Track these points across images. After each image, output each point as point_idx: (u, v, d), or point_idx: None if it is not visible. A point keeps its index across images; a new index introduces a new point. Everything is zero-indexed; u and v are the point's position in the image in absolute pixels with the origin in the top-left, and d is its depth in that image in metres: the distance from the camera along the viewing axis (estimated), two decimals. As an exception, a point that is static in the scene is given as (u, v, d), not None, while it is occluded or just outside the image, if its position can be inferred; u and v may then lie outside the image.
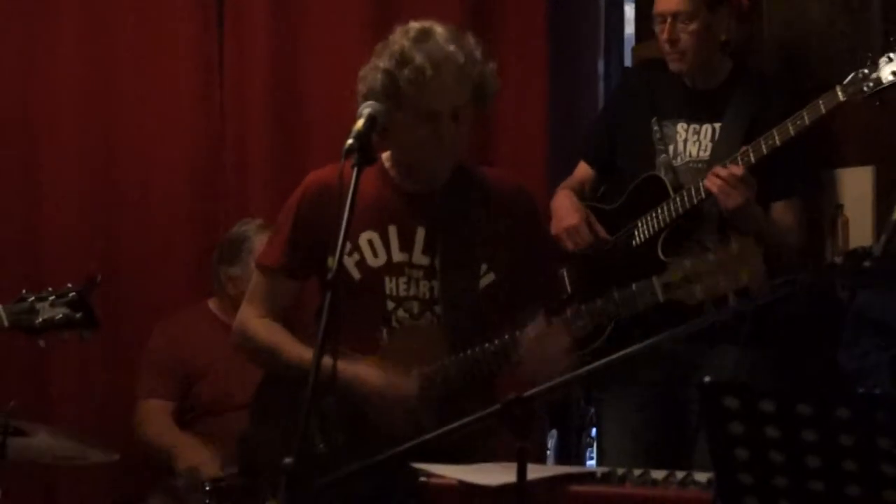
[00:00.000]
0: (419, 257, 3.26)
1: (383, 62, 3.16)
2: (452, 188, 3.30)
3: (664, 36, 4.03)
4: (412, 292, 3.25)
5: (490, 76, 3.21)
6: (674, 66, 4.08)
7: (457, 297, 3.24)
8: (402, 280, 3.25)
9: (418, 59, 3.11)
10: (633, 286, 3.15)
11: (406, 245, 3.26)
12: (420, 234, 3.26)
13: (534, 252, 3.34)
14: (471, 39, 3.21)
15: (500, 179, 3.39)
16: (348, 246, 3.21)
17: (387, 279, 3.24)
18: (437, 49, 3.13)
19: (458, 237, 3.26)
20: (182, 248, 4.99)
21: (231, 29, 5.03)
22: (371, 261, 3.25)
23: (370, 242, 3.25)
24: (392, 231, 3.26)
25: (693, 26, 4.02)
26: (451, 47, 3.14)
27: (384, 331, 3.24)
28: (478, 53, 3.19)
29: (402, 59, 3.13)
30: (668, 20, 4.03)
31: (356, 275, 3.23)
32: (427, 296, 3.26)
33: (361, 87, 3.19)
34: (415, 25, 3.19)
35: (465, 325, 3.23)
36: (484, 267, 3.27)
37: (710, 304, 3.05)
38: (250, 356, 3.45)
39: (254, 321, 3.36)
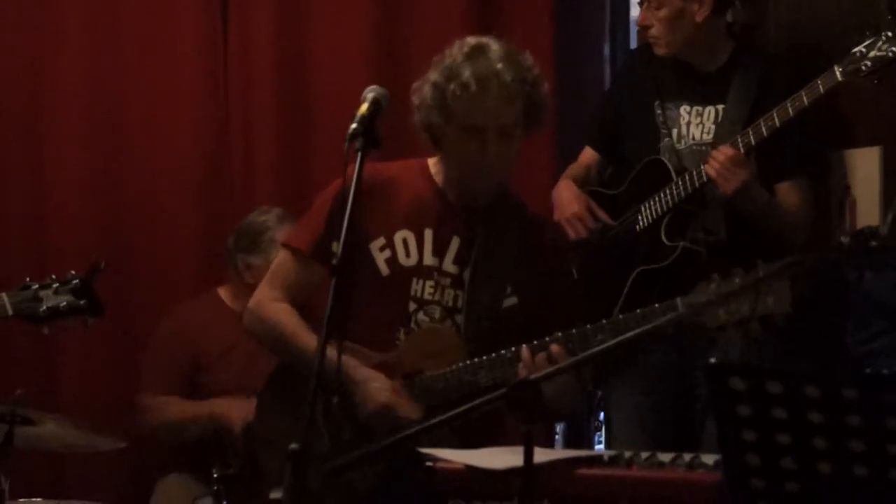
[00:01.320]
0: (449, 265, 3.28)
1: (434, 75, 3.20)
2: (494, 208, 3.32)
3: (642, 20, 4.04)
4: (437, 297, 3.27)
5: (542, 98, 3.23)
6: (656, 51, 4.10)
7: (481, 310, 3.26)
8: (430, 284, 3.27)
9: (465, 74, 3.14)
10: (657, 305, 3.14)
11: (439, 251, 3.28)
12: (455, 242, 3.29)
13: (559, 288, 3.36)
14: (527, 59, 3.22)
15: (538, 214, 3.47)
16: (381, 241, 3.23)
17: (414, 280, 3.26)
18: (486, 66, 3.15)
19: (490, 254, 3.27)
20: (188, 236, 5.00)
21: (235, 19, 5.03)
22: (403, 259, 3.27)
23: (405, 241, 3.27)
24: (428, 234, 3.28)
25: (663, 13, 4.03)
26: (500, 65, 3.15)
27: (402, 331, 3.26)
28: (531, 74, 3.20)
29: (451, 74, 3.16)
30: (643, 5, 4.04)
31: (385, 270, 3.24)
32: (451, 304, 3.27)
33: (415, 100, 3.23)
34: (470, 41, 3.22)
35: (485, 338, 3.24)
36: (509, 289, 3.28)
37: (732, 328, 3.03)
38: (260, 338, 3.44)
39: (270, 304, 3.35)
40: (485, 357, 3.19)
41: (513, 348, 3.17)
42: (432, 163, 3.33)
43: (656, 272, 3.96)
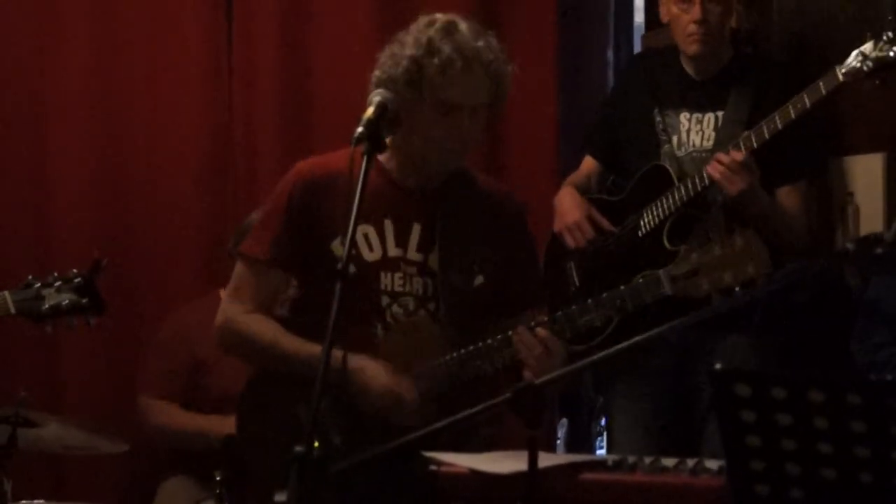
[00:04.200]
0: (413, 253, 3.24)
1: (409, 50, 3.13)
2: (449, 187, 3.28)
3: (695, 16, 4.00)
4: (407, 288, 3.23)
5: (508, 79, 3.20)
6: (693, 49, 4.05)
7: (455, 295, 3.22)
8: (398, 275, 3.23)
9: (447, 49, 3.09)
10: (640, 279, 3.14)
11: (401, 240, 3.24)
12: (416, 229, 3.24)
13: (521, 258, 3.33)
14: (493, 39, 3.19)
15: (491, 184, 3.40)
16: (342, 238, 3.19)
17: (382, 274, 3.22)
18: (466, 43, 3.11)
19: (453, 235, 3.24)
20: (191, 235, 4.99)
21: (239, 20, 5.04)
22: (367, 255, 3.22)
23: (366, 236, 3.22)
24: (388, 225, 3.24)
25: (720, 9, 4.01)
26: (480, 43, 3.13)
27: (378, 326, 3.22)
28: (503, 55, 3.18)
29: (431, 49, 3.10)
30: (698, 1, 4.01)
31: (351, 269, 3.19)
32: (421, 292, 3.24)
33: (379, 73, 3.16)
34: (440, 17, 3.17)
35: (463, 322, 3.21)
36: (476, 268, 3.26)
37: (717, 296, 3.04)
38: (239, 353, 3.39)
39: (241, 317, 3.29)
40: (471, 347, 3.17)
41: (499, 336, 3.15)
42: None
43: None
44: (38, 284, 3.66)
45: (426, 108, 3.13)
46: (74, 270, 3.70)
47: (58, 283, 3.66)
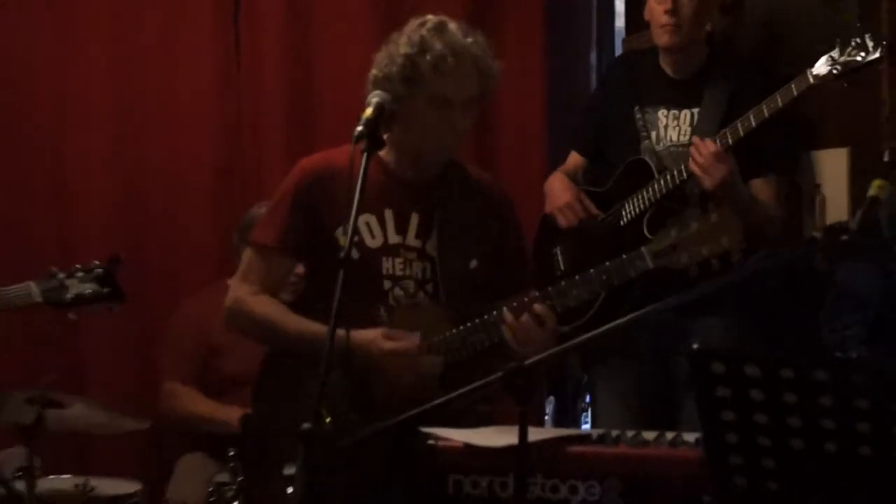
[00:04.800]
0: (412, 240, 3.25)
1: (403, 48, 3.14)
2: (444, 178, 3.30)
3: (666, 6, 4.00)
4: (407, 272, 3.24)
5: (495, 74, 3.20)
6: (665, 40, 4.04)
7: (452, 277, 3.23)
8: (399, 261, 3.24)
9: (439, 46, 3.10)
10: (625, 256, 3.15)
11: (401, 228, 3.25)
12: (414, 218, 3.26)
13: (510, 242, 3.34)
14: (481, 37, 3.20)
15: (480, 174, 3.40)
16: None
17: (384, 259, 3.23)
18: (456, 40, 3.12)
19: (449, 223, 3.25)
20: (203, 229, 5.00)
21: (246, 24, 5.05)
22: (369, 242, 3.23)
23: (367, 225, 3.23)
24: (388, 215, 3.25)
25: (695, 4, 3.99)
26: (469, 40, 3.14)
27: (381, 308, 3.22)
28: (490, 52, 3.19)
29: (424, 47, 3.11)
30: None
31: (354, 255, 3.19)
32: (420, 276, 3.25)
33: (376, 72, 3.18)
34: (431, 18, 3.19)
35: (460, 303, 3.22)
36: (470, 252, 3.27)
37: (696, 269, 3.06)
38: (247, 332, 3.39)
39: (249, 298, 3.30)
40: (469, 324, 3.17)
41: (493, 312, 3.15)
42: None
43: None
44: (63, 275, 3.66)
45: (420, 103, 3.14)
46: (96, 262, 3.70)
47: (80, 274, 3.66)
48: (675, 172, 3.94)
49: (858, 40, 3.62)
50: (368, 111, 2.86)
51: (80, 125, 4.94)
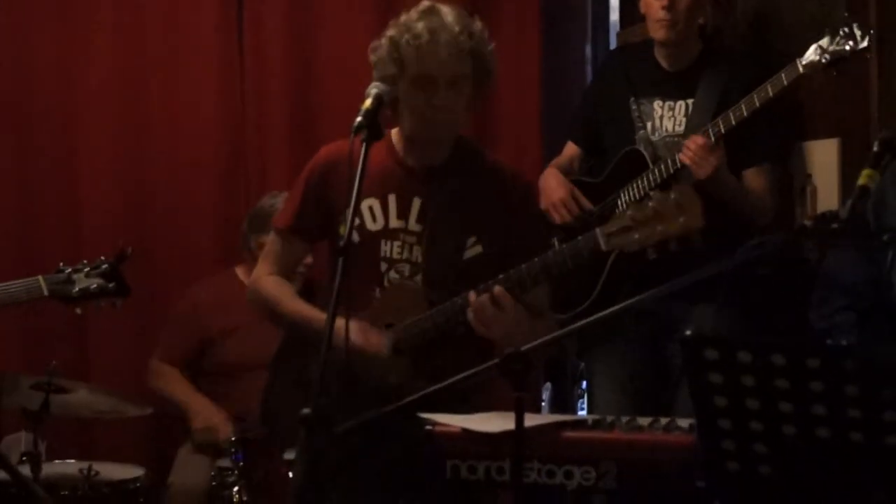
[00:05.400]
0: (414, 225, 3.24)
1: (389, 31, 3.17)
2: (453, 164, 3.27)
3: (663, 2, 4.00)
4: (405, 256, 3.23)
5: (489, 56, 3.19)
6: (661, 35, 4.04)
7: (438, 263, 3.22)
8: (397, 244, 3.23)
9: (419, 27, 3.11)
10: (579, 238, 3.08)
11: (403, 213, 3.24)
12: (416, 203, 3.24)
13: (524, 232, 3.28)
14: (476, 22, 3.19)
15: (498, 162, 3.37)
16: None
17: (382, 242, 3.23)
18: (438, 20, 3.12)
19: (448, 209, 3.23)
20: (207, 224, 5.02)
21: (249, 21, 5.04)
22: (370, 225, 3.23)
23: (370, 209, 3.24)
24: (391, 199, 3.25)
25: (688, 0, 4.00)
26: (450, 19, 3.13)
27: (377, 290, 3.23)
28: (478, 32, 3.17)
29: (405, 28, 3.13)
30: None
31: (356, 238, 3.19)
32: (418, 260, 3.24)
33: (373, 57, 3.20)
34: (425, 3, 3.19)
35: (445, 288, 3.18)
36: (472, 240, 3.23)
37: (653, 252, 2.93)
38: (260, 310, 3.42)
39: (264, 278, 3.37)
40: (439, 307, 3.15)
41: (463, 294, 3.12)
42: (393, 132, 3.29)
43: (634, 253, 3.94)
44: (69, 270, 3.66)
45: (407, 84, 3.14)
46: (102, 257, 3.71)
47: (87, 269, 3.67)
48: (669, 162, 3.94)
49: (847, 30, 3.62)
50: (367, 102, 2.86)
51: (86, 123, 4.95)
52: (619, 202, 4.05)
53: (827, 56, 3.64)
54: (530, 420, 2.52)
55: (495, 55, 3.21)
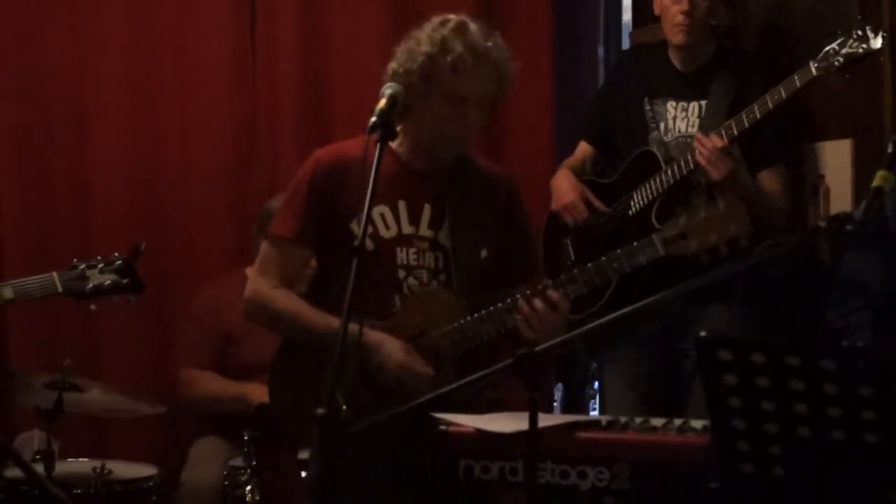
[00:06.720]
0: (425, 230, 3.24)
1: (424, 46, 3.13)
2: (455, 170, 3.28)
3: (683, 7, 4.00)
4: (421, 262, 3.23)
5: (512, 75, 3.20)
6: (678, 38, 4.05)
7: (465, 267, 3.22)
8: (412, 251, 3.22)
9: (459, 48, 3.10)
10: (636, 243, 3.13)
11: (414, 219, 3.24)
12: (427, 209, 3.24)
13: (517, 231, 3.32)
14: (500, 39, 3.19)
15: (487, 165, 3.39)
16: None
17: (398, 250, 3.22)
18: (476, 42, 3.12)
19: (461, 213, 3.24)
20: (220, 221, 5.01)
21: (262, 20, 5.04)
22: (384, 232, 3.22)
23: (382, 216, 3.22)
24: (402, 206, 3.23)
25: (707, 3, 4.02)
26: (489, 43, 3.13)
27: (396, 297, 3.21)
28: (508, 55, 3.18)
29: (445, 47, 3.11)
30: None
31: (370, 245, 3.18)
32: (433, 265, 3.23)
33: (395, 66, 3.16)
34: (453, 17, 3.18)
35: (472, 292, 3.21)
36: (480, 242, 3.25)
37: (706, 256, 3.05)
38: (266, 324, 3.36)
39: (268, 291, 3.26)
40: (483, 311, 3.15)
41: (507, 299, 3.13)
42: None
43: None
44: (83, 266, 3.65)
45: (437, 99, 3.13)
46: (116, 254, 3.70)
47: (100, 265, 3.66)
48: (683, 163, 3.93)
49: (859, 32, 3.62)
50: (382, 102, 2.85)
51: (99, 121, 4.95)
52: (632, 203, 4.04)
53: (840, 59, 3.63)
54: (544, 420, 2.52)
55: (514, 73, 3.21)
